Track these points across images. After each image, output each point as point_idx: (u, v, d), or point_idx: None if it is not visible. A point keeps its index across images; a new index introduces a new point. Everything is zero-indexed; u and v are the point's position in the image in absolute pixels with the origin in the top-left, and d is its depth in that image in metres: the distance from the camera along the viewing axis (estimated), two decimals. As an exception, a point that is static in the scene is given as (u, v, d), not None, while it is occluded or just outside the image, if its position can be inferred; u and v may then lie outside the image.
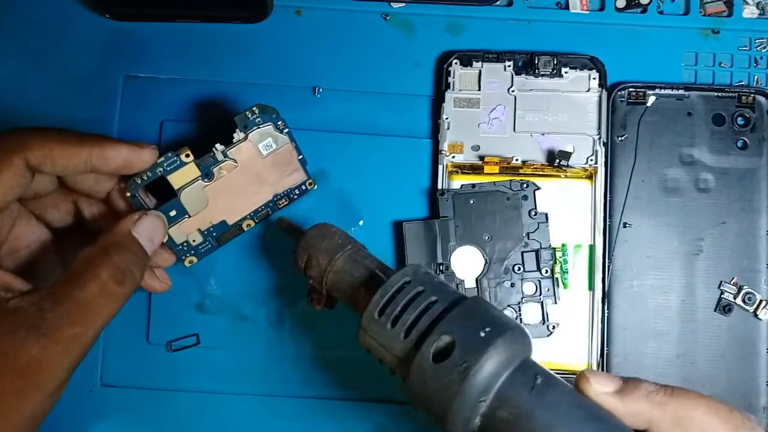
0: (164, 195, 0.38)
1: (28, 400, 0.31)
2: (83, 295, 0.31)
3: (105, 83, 0.44)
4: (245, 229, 0.40)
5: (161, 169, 0.36)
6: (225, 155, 0.37)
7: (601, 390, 0.28)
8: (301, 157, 0.40)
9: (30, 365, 0.30)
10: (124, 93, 0.44)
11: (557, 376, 0.28)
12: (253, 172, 0.39)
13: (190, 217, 0.38)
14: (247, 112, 0.37)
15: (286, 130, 0.39)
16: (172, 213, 0.38)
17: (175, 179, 0.37)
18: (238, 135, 0.37)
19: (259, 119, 0.38)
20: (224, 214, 0.39)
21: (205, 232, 0.39)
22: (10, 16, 0.44)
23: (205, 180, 0.38)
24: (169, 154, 0.36)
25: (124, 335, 0.42)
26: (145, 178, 0.36)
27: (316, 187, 0.41)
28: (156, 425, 0.42)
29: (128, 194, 0.36)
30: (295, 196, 0.41)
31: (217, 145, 0.37)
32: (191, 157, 0.37)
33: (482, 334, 0.27)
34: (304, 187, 0.41)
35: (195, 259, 0.40)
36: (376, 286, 0.31)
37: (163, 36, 0.44)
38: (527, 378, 0.27)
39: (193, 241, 0.39)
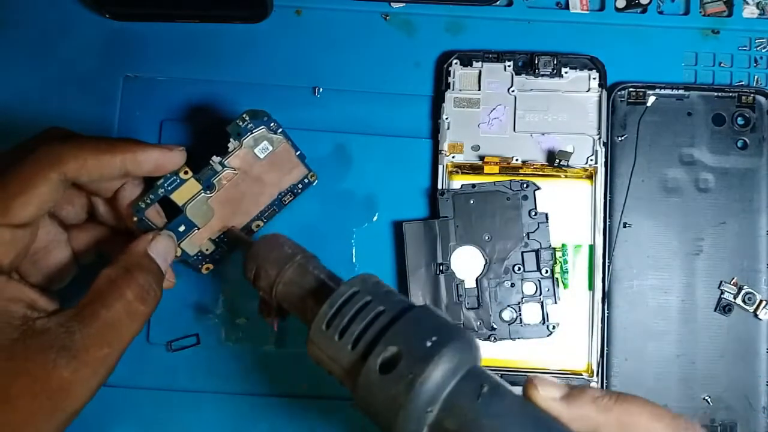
0: (172, 212, 0.38)
1: (54, 422, 0.31)
2: (110, 315, 0.32)
3: (105, 83, 0.44)
4: (255, 230, 0.40)
5: (162, 190, 0.37)
6: (223, 165, 0.38)
7: (547, 396, 0.28)
8: (299, 152, 0.40)
9: (61, 388, 0.30)
10: (124, 93, 0.44)
11: (504, 383, 0.28)
12: (253, 176, 0.39)
13: (199, 229, 0.38)
14: (238, 120, 0.37)
15: (280, 129, 0.38)
16: (181, 228, 0.38)
17: (178, 196, 0.37)
18: (232, 144, 0.37)
19: (251, 125, 0.38)
20: (232, 220, 0.39)
21: (217, 240, 0.39)
22: (10, 16, 0.44)
23: (208, 192, 0.38)
24: (168, 175, 0.37)
25: (124, 335, 0.42)
26: (149, 201, 0.36)
27: (317, 179, 0.41)
28: (156, 425, 0.42)
29: (135, 219, 0.37)
30: (299, 191, 0.41)
31: (214, 157, 0.37)
32: (190, 174, 0.37)
33: (428, 344, 0.27)
34: (306, 181, 0.41)
35: (211, 266, 0.40)
36: (325, 296, 0.30)
37: (163, 36, 0.44)
38: (473, 387, 0.27)
39: (207, 250, 0.39)
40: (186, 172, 0.37)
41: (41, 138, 0.35)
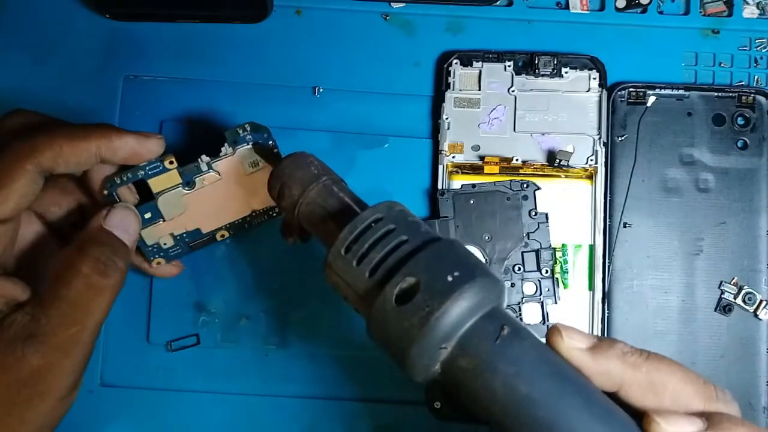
0: (144, 196, 0.37)
1: (36, 409, 0.31)
2: (70, 293, 0.31)
3: (105, 83, 0.44)
4: (218, 239, 0.40)
5: (142, 172, 0.36)
6: (209, 167, 0.37)
7: (573, 345, 0.27)
8: None
9: (33, 375, 0.30)
10: (124, 93, 0.44)
11: (527, 329, 0.27)
12: (234, 186, 0.38)
13: (164, 221, 0.38)
14: (238, 128, 0.37)
15: (276, 150, 0.38)
16: (147, 215, 0.37)
17: (156, 183, 0.37)
18: (225, 149, 0.37)
19: (249, 137, 0.37)
20: (200, 223, 0.39)
21: (178, 237, 0.39)
22: (11, 16, 0.44)
23: (186, 188, 0.37)
24: (153, 159, 0.36)
25: (124, 335, 0.42)
26: (125, 179, 0.36)
27: None
28: (156, 425, 0.42)
29: (105, 192, 0.36)
30: (274, 214, 0.40)
31: (203, 156, 0.37)
32: (175, 164, 0.37)
33: (449, 278, 0.26)
34: None
35: (162, 261, 0.39)
36: (348, 220, 0.29)
37: (163, 36, 0.44)
38: (493, 328, 0.26)
39: (164, 244, 0.39)
40: (171, 162, 0.37)
41: (8, 125, 0.34)
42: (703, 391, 0.27)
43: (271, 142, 0.38)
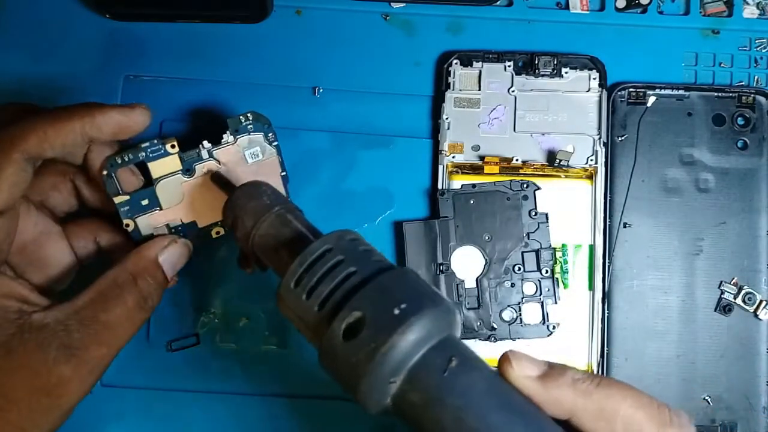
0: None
1: (51, 418, 0.31)
2: (110, 318, 0.32)
3: (105, 83, 0.44)
4: (214, 236, 0.39)
5: (144, 154, 0.36)
6: (210, 154, 0.37)
7: (523, 374, 0.26)
8: (284, 173, 0.39)
9: (59, 384, 0.30)
10: (124, 93, 0.44)
11: (479, 357, 0.26)
12: (234, 177, 0.38)
13: (161, 210, 0.37)
14: (240, 116, 0.37)
15: (276, 143, 0.38)
16: (144, 202, 0.36)
17: (156, 168, 0.36)
18: (227, 137, 0.37)
19: (251, 126, 0.37)
20: (196, 215, 0.38)
21: (173, 230, 0.38)
22: (10, 16, 0.44)
23: (185, 176, 0.37)
24: (155, 141, 0.36)
25: (124, 335, 0.42)
26: (126, 159, 0.35)
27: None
28: (156, 425, 0.42)
29: (104, 173, 0.35)
30: None
31: (205, 143, 0.37)
32: (176, 149, 0.36)
33: (396, 312, 0.25)
34: None
35: None
36: (300, 251, 0.28)
37: (163, 36, 0.44)
38: (441, 360, 0.25)
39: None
40: (173, 146, 0.36)
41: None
42: (656, 416, 0.26)
43: (271, 134, 0.38)
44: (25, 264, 0.35)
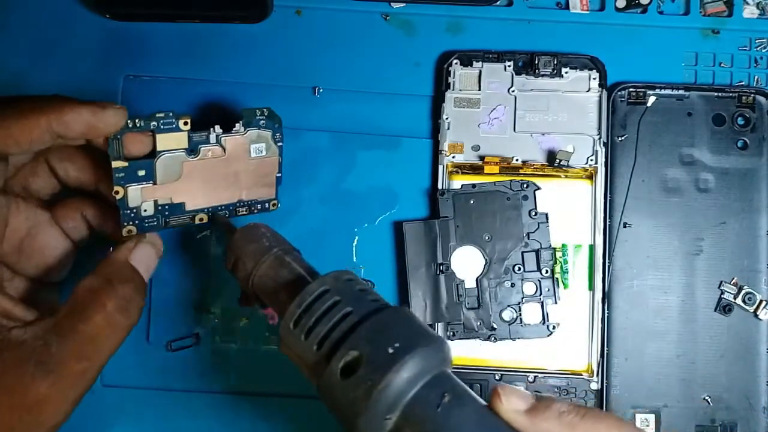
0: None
1: None
2: (89, 328, 0.31)
3: (105, 83, 0.44)
4: (197, 221, 0.38)
5: (155, 124, 0.35)
6: (218, 140, 0.37)
7: (511, 408, 0.27)
8: (279, 175, 0.39)
9: (38, 402, 0.30)
10: (124, 93, 0.44)
11: (470, 392, 0.28)
12: (233, 168, 0.38)
13: (155, 184, 0.36)
14: (256, 110, 0.37)
15: (281, 144, 0.38)
16: (141, 173, 0.35)
17: (163, 141, 0.35)
18: (239, 127, 0.37)
19: (263, 122, 0.37)
20: (186, 197, 0.37)
21: (160, 208, 0.37)
22: (10, 16, 0.44)
23: (189, 155, 0.36)
24: (170, 114, 0.35)
25: (124, 335, 0.42)
26: (137, 125, 0.34)
27: (278, 207, 0.40)
28: (156, 425, 0.42)
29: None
30: (256, 210, 0.39)
31: (216, 127, 0.37)
32: (188, 126, 0.36)
33: (390, 350, 0.27)
34: (267, 205, 0.40)
35: (133, 230, 0.36)
36: (298, 292, 0.30)
37: (163, 36, 0.44)
38: (435, 395, 0.27)
39: (144, 210, 0.36)
40: (186, 123, 0.36)
41: None
42: None
43: (278, 134, 0.38)
44: (22, 260, 0.35)
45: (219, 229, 0.38)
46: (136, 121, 0.34)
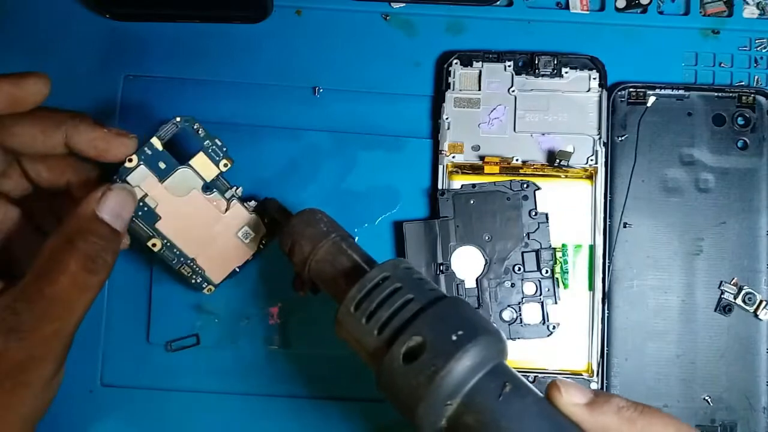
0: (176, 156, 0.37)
1: (21, 398, 0.30)
2: (55, 290, 0.30)
3: (105, 83, 0.44)
4: (149, 246, 0.38)
5: (208, 143, 0.37)
6: (230, 199, 0.38)
7: (571, 401, 0.28)
8: (237, 270, 0.40)
9: (15, 367, 0.30)
10: (124, 93, 0.44)
11: (528, 384, 0.28)
12: (217, 230, 0.39)
13: (160, 182, 0.37)
14: (271, 204, 0.39)
15: (261, 248, 0.40)
16: (161, 165, 0.36)
17: (199, 161, 0.37)
18: (252, 203, 0.39)
19: (266, 221, 0.39)
20: (164, 214, 0.37)
21: (141, 203, 0.37)
22: (10, 16, 0.44)
23: (203, 189, 0.38)
24: (224, 149, 0.37)
25: (124, 335, 0.42)
26: (198, 132, 0.37)
27: (211, 293, 0.40)
28: (156, 425, 0.42)
29: (178, 119, 0.36)
30: (192, 281, 0.39)
31: (238, 190, 0.39)
32: (225, 169, 0.37)
33: (454, 338, 0.27)
34: (202, 284, 0.40)
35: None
36: (356, 278, 0.30)
37: (163, 36, 0.44)
38: (496, 385, 0.27)
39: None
40: (225, 165, 0.38)
41: None
42: None
43: (265, 241, 0.40)
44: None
45: (270, 214, 0.38)
46: (199, 130, 0.37)
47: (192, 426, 0.42)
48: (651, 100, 0.43)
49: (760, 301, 0.41)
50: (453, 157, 0.43)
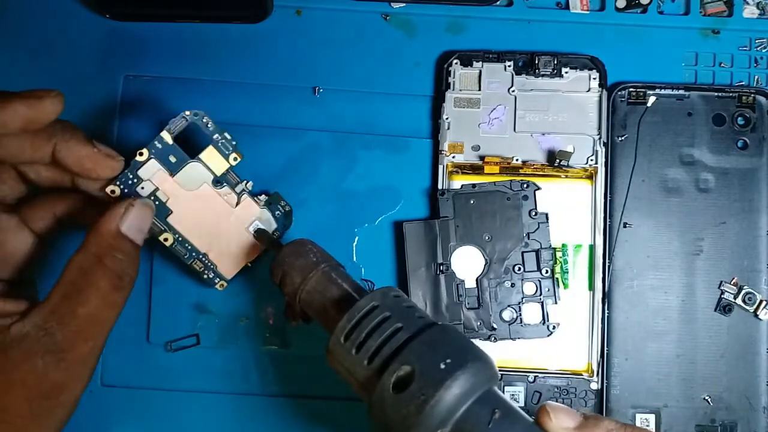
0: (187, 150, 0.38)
1: (56, 417, 0.31)
2: (88, 310, 0.31)
3: (105, 83, 0.44)
4: (161, 240, 0.38)
5: (218, 137, 0.37)
6: (240, 192, 0.38)
7: (561, 425, 0.28)
8: (250, 265, 0.40)
9: (54, 388, 0.30)
10: (124, 93, 0.44)
11: (518, 409, 0.28)
12: (227, 224, 0.39)
13: (171, 176, 0.37)
14: (282, 200, 0.40)
15: (276, 236, 0.40)
16: (172, 158, 0.37)
17: (208, 155, 0.37)
18: (262, 198, 0.39)
19: (279, 213, 0.40)
20: (176, 209, 0.37)
21: (151, 197, 0.37)
22: (10, 16, 0.44)
23: (213, 183, 0.38)
24: (233, 143, 0.37)
25: (124, 335, 0.42)
26: (208, 126, 0.37)
27: (224, 289, 0.40)
28: (156, 425, 0.42)
29: (188, 113, 0.36)
30: (204, 276, 0.39)
31: (249, 185, 0.39)
32: (235, 162, 0.38)
33: (442, 366, 0.27)
34: (214, 279, 0.40)
35: (117, 191, 0.36)
36: (346, 307, 0.31)
37: (163, 36, 0.44)
38: (486, 412, 0.27)
39: (141, 188, 0.37)
40: (235, 158, 0.38)
41: None
42: None
43: (279, 233, 0.40)
44: None
45: (264, 244, 0.39)
46: (209, 124, 0.37)
47: (192, 426, 0.42)
48: (651, 100, 0.43)
49: (760, 301, 0.41)
50: (453, 157, 0.43)
